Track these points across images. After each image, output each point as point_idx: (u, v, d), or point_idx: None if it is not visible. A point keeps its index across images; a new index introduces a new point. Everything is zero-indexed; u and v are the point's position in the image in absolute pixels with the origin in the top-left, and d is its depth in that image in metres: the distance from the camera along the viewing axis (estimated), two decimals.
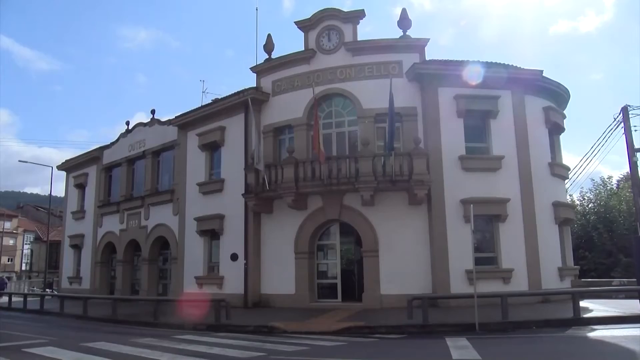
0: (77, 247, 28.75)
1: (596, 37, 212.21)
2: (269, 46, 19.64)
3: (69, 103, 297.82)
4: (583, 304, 13.84)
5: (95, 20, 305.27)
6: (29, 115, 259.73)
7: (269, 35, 19.77)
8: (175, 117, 22.25)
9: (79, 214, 28.90)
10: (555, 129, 19.17)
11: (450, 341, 9.48)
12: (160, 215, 22.98)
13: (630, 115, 18.63)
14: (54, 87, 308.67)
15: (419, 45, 17.51)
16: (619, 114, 19.12)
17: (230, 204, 19.27)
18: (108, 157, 27.17)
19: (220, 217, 19.70)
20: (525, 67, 17.84)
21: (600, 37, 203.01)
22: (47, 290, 32.81)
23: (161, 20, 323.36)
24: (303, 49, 18.69)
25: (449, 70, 16.97)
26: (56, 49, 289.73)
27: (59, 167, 31.46)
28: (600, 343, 9.35)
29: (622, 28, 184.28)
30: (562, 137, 20.00)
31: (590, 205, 31.12)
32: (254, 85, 19.45)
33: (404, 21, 17.80)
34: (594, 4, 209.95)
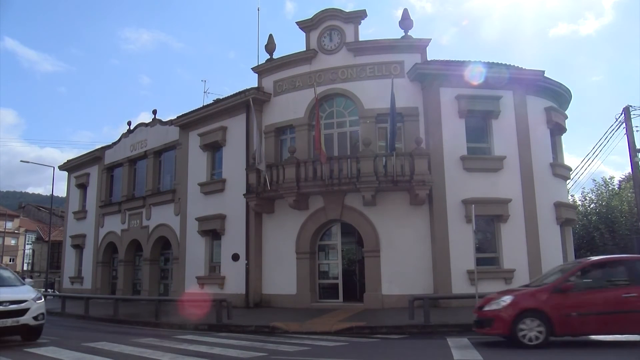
0: (78, 247, 28.79)
1: (596, 39, 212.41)
2: (270, 46, 19.64)
3: (73, 104, 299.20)
4: None
5: (98, 22, 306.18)
6: (34, 117, 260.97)
7: (270, 36, 19.78)
8: (177, 117, 22.26)
9: (81, 214, 28.93)
10: (557, 130, 19.14)
11: (451, 342, 9.47)
12: (162, 215, 23.00)
13: (632, 116, 18.61)
14: (58, 88, 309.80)
15: (420, 46, 17.50)
16: (621, 114, 19.10)
17: (232, 204, 19.28)
18: (110, 157, 27.20)
19: (222, 217, 19.71)
20: (526, 68, 17.85)
21: (600, 40, 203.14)
22: (48, 290, 32.84)
23: (163, 22, 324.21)
24: (304, 49, 18.69)
25: (450, 70, 16.97)
26: (60, 51, 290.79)
27: (61, 167, 31.50)
28: (601, 343, 9.33)
29: (622, 31, 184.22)
30: (563, 137, 19.99)
31: (591, 206, 31.08)
32: (256, 85, 19.46)
33: (405, 21, 17.79)
34: (593, 7, 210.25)
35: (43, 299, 10.50)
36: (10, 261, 60.62)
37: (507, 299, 8.98)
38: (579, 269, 9.28)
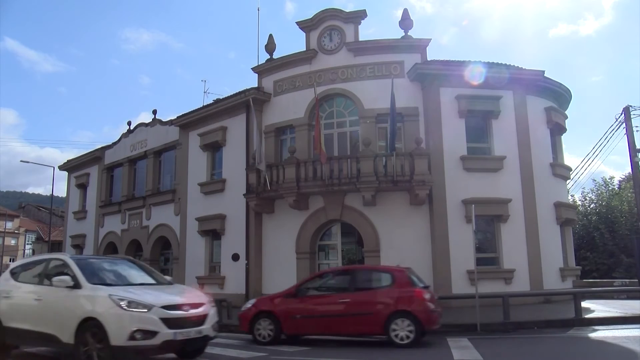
0: (78, 247, 28.77)
1: (596, 39, 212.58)
2: (270, 46, 19.63)
3: (73, 104, 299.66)
4: (584, 304, 13.84)
5: (98, 22, 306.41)
6: (34, 117, 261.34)
7: (270, 36, 19.77)
8: (177, 117, 22.24)
9: (81, 214, 28.94)
10: (557, 130, 19.15)
11: (451, 341, 9.49)
12: (162, 216, 23.00)
13: (632, 116, 18.61)
14: (58, 88, 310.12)
15: (420, 46, 17.49)
16: (621, 114, 19.10)
17: (232, 204, 19.28)
18: (110, 157, 27.19)
19: (222, 217, 19.71)
20: (526, 68, 17.85)
21: (600, 40, 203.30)
22: None
23: (163, 22, 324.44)
24: (304, 49, 18.68)
25: (450, 70, 16.96)
26: (60, 51, 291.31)
27: (61, 167, 31.50)
28: (601, 344, 9.35)
29: (622, 31, 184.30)
30: (563, 137, 20.01)
31: (591, 206, 31.07)
32: (256, 85, 19.45)
33: (405, 21, 17.78)
34: (593, 8, 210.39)
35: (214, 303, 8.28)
36: (10, 261, 60.59)
37: (251, 302, 10.71)
38: (313, 277, 10.80)
